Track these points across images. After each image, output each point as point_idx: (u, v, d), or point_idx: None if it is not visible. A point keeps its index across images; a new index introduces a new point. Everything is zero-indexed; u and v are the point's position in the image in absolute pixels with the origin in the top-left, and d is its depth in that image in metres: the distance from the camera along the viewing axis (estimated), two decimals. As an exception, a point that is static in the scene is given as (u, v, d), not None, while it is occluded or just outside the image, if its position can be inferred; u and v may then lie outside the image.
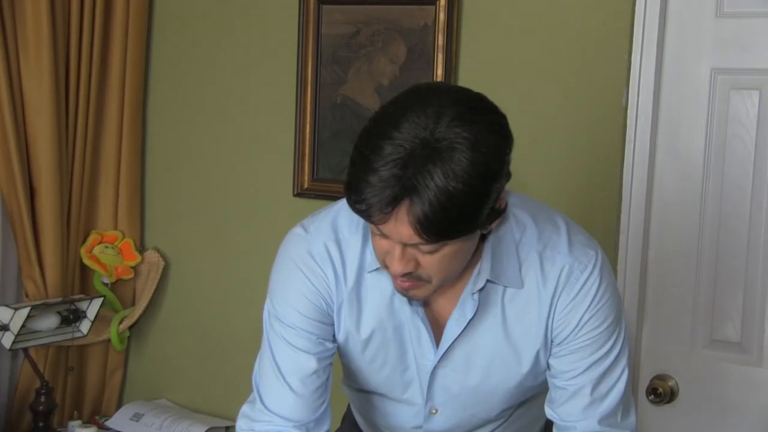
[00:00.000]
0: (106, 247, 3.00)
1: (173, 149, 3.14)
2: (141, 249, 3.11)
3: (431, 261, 1.53)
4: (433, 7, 2.66)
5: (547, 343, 1.72)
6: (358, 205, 1.47)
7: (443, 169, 1.43)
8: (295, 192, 2.89)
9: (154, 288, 3.07)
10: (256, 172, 3.00)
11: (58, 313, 2.82)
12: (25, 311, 2.70)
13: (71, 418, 3.00)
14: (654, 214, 2.52)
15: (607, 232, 2.52)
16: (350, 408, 2.05)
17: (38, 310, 2.77)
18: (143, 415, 2.97)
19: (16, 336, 2.70)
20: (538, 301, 1.68)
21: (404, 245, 1.51)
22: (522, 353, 1.72)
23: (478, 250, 1.64)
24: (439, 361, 1.72)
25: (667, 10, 2.46)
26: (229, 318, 3.01)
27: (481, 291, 1.66)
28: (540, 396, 1.84)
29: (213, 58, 3.04)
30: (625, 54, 2.48)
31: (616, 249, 2.52)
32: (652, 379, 2.53)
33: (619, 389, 1.72)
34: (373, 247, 1.60)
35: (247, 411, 1.78)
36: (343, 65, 2.82)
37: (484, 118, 1.49)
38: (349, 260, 1.70)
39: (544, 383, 1.79)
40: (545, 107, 2.61)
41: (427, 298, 1.65)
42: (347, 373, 1.86)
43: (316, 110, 2.86)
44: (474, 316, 1.67)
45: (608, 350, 1.70)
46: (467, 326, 1.68)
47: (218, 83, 3.04)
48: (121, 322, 3.02)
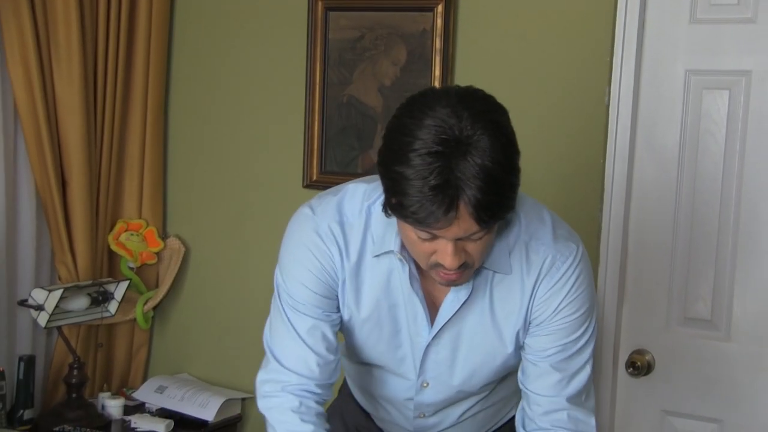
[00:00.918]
0: (132, 235, 3.00)
1: (193, 145, 3.13)
2: (163, 236, 3.11)
3: (477, 247, 1.54)
4: (432, 13, 2.66)
5: (526, 325, 1.72)
6: (419, 220, 1.46)
7: (480, 156, 1.42)
8: (304, 183, 2.89)
9: (175, 272, 3.07)
10: (268, 165, 2.99)
11: (89, 294, 2.83)
12: (58, 293, 2.70)
13: (101, 390, 3.03)
14: (633, 203, 2.52)
15: (590, 220, 2.53)
16: (346, 381, 2.05)
17: (70, 291, 2.76)
18: (166, 387, 2.97)
19: (51, 315, 2.70)
20: (521, 287, 1.68)
21: (455, 241, 1.51)
22: (504, 333, 1.71)
23: None
24: (432, 339, 1.72)
25: (645, 17, 2.47)
26: (244, 299, 2.99)
27: (475, 276, 1.66)
28: (515, 377, 1.84)
29: (229, 61, 3.03)
30: (607, 57, 2.49)
31: (599, 235, 2.52)
32: (631, 353, 2.54)
33: (585, 372, 1.73)
34: (414, 252, 1.59)
35: (264, 376, 1.77)
36: (348, 67, 2.81)
37: (491, 108, 1.50)
38: (351, 242, 1.70)
39: (516, 366, 1.80)
40: (534, 105, 2.59)
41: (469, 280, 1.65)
42: (347, 346, 1.85)
43: (323, 109, 2.85)
44: (468, 299, 1.68)
45: (579, 336, 1.70)
46: (460, 308, 1.69)
47: (234, 84, 3.03)
48: (145, 303, 3.03)
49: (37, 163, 2.77)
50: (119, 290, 2.90)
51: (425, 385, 1.79)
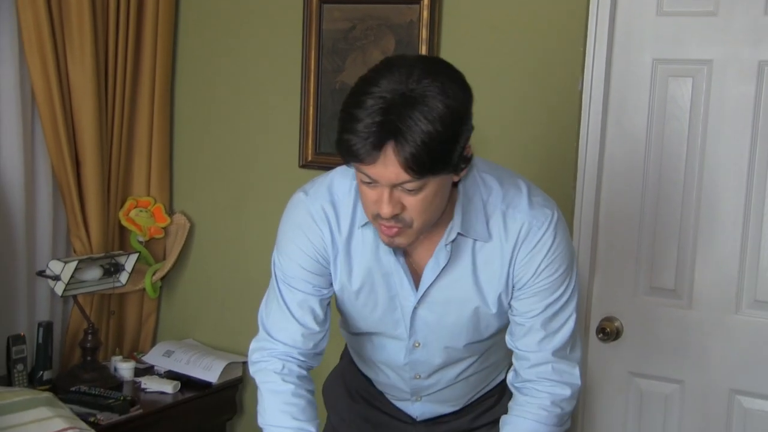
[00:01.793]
0: (141, 211, 3.00)
1: (197, 127, 3.13)
2: (170, 212, 3.11)
3: (414, 202, 1.53)
4: (418, 6, 2.65)
5: (508, 288, 1.72)
6: (349, 151, 1.47)
7: (422, 113, 1.43)
8: (300, 164, 2.90)
9: (181, 245, 3.08)
10: (267, 146, 3.00)
11: (101, 266, 2.84)
12: (73, 264, 2.71)
13: (113, 354, 3.05)
14: (604, 181, 2.53)
15: (564, 196, 2.52)
16: (347, 348, 2.06)
17: (84, 263, 2.78)
18: (173, 352, 2.98)
19: (67, 285, 2.71)
20: (501, 252, 1.68)
21: (391, 189, 1.51)
22: (487, 295, 1.72)
23: (451, 208, 1.65)
24: (418, 302, 1.73)
25: (615, 10, 2.46)
26: (244, 270, 3.00)
27: (453, 243, 1.67)
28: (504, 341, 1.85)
29: (231, 50, 3.03)
30: (581, 47, 2.49)
31: (573, 211, 2.54)
32: (601, 320, 2.55)
33: (569, 327, 1.73)
34: (362, 201, 1.59)
35: (254, 345, 1.80)
36: (341, 56, 2.80)
37: (446, 72, 1.50)
38: (342, 217, 1.71)
39: (503, 327, 1.80)
40: (513, 91, 2.60)
41: (409, 245, 1.64)
42: (343, 318, 1.86)
43: (318, 94, 2.85)
44: (447, 265, 1.68)
45: (560, 294, 1.71)
46: (441, 273, 1.69)
47: (235, 72, 3.03)
48: (153, 274, 3.04)
49: (52, 145, 2.77)
50: (129, 262, 2.91)
51: (417, 345, 1.80)
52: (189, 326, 3.19)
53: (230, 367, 2.90)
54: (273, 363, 1.76)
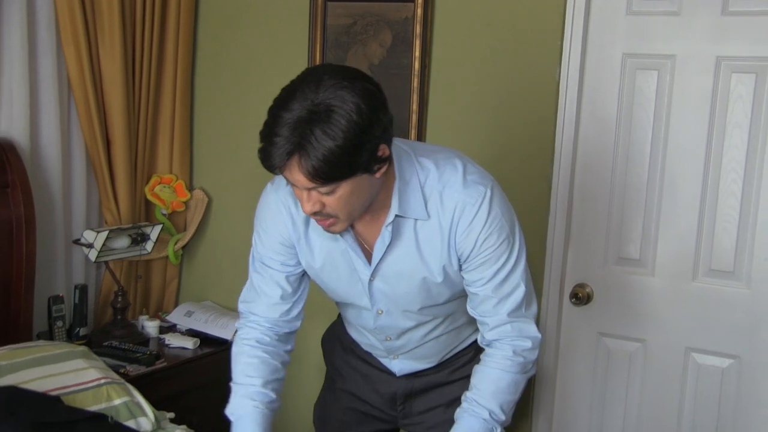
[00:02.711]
0: (164, 187, 3.02)
1: (214, 112, 3.12)
2: (190, 188, 3.11)
3: (332, 201, 1.52)
4: (413, 4, 2.64)
5: (451, 260, 1.69)
6: (264, 159, 1.47)
7: (323, 129, 1.41)
8: None
9: (200, 218, 3.09)
10: None
11: (129, 235, 2.85)
12: (104, 234, 2.73)
13: (141, 313, 3.06)
14: (578, 162, 2.53)
15: (543, 175, 2.55)
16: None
17: (114, 233, 2.78)
18: (193, 312, 3.00)
19: (99, 252, 2.73)
20: (440, 229, 1.66)
21: (308, 190, 1.50)
22: (432, 267, 1.70)
23: (390, 193, 1.63)
24: (372, 275, 1.73)
25: (590, 8, 2.47)
26: None
27: (393, 224, 1.65)
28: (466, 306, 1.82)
29: (245, 43, 3.02)
30: (559, 41, 2.50)
31: (550, 188, 2.54)
32: (574, 286, 2.58)
33: (520, 289, 1.70)
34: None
35: (237, 326, 1.86)
36: (343, 48, 2.79)
37: (356, 85, 1.45)
38: (300, 207, 1.68)
39: (460, 293, 1.78)
40: (497, 82, 2.60)
41: (345, 230, 1.64)
42: (324, 290, 1.86)
43: None
44: (391, 242, 1.68)
45: (505, 261, 1.68)
46: (387, 249, 1.69)
47: (249, 62, 3.02)
48: (175, 243, 3.05)
49: (86, 128, 2.76)
50: (154, 232, 2.92)
51: (380, 312, 1.81)
52: (207, 289, 3.19)
53: (244, 326, 2.85)
54: (247, 332, 1.81)
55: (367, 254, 1.72)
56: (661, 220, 2.47)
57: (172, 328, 2.98)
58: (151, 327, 2.94)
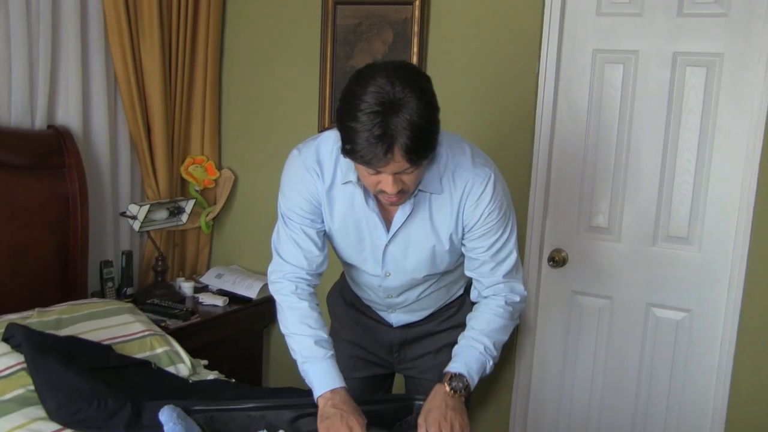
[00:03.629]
0: (197, 167, 3.05)
1: (240, 101, 3.13)
2: (219, 168, 3.13)
3: (411, 178, 1.56)
4: (411, 6, 2.67)
5: (458, 230, 1.74)
6: (363, 161, 1.47)
7: (408, 113, 1.43)
8: (319, 129, 2.91)
9: (228, 193, 3.12)
10: (294, 116, 3.00)
11: (167, 208, 2.89)
12: (146, 207, 2.78)
13: (178, 276, 3.13)
14: (555, 143, 2.57)
15: (525, 154, 2.59)
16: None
17: (154, 206, 2.82)
18: (223, 274, 3.04)
19: (142, 223, 2.79)
20: (450, 202, 1.72)
21: (395, 174, 1.52)
22: (441, 235, 1.75)
23: None
24: (389, 241, 1.77)
25: (565, 10, 2.51)
26: (276, 212, 2.99)
27: (414, 197, 1.71)
28: (457, 268, 1.89)
29: (266, 41, 3.04)
30: (537, 38, 2.52)
31: (530, 165, 2.58)
32: (551, 251, 2.63)
33: (513, 256, 1.79)
34: (365, 182, 1.60)
35: (271, 268, 1.83)
36: (350, 45, 2.81)
37: (417, 74, 1.51)
38: (326, 172, 1.72)
39: (455, 262, 1.83)
40: (484, 73, 2.63)
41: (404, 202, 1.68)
42: (334, 249, 1.87)
43: (333, 75, 2.86)
44: (411, 212, 1.73)
45: (502, 233, 1.76)
46: (407, 219, 1.73)
47: (269, 58, 3.04)
48: (207, 215, 3.08)
49: (130, 115, 2.81)
50: (188, 206, 2.96)
51: (388, 274, 1.84)
52: (234, 255, 3.22)
53: (266, 287, 2.58)
54: (287, 285, 1.78)
55: (386, 223, 1.74)
56: (626, 194, 2.52)
57: (204, 288, 3.02)
58: (186, 287, 2.98)
